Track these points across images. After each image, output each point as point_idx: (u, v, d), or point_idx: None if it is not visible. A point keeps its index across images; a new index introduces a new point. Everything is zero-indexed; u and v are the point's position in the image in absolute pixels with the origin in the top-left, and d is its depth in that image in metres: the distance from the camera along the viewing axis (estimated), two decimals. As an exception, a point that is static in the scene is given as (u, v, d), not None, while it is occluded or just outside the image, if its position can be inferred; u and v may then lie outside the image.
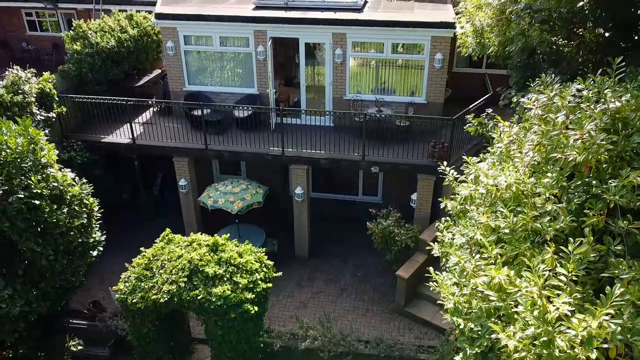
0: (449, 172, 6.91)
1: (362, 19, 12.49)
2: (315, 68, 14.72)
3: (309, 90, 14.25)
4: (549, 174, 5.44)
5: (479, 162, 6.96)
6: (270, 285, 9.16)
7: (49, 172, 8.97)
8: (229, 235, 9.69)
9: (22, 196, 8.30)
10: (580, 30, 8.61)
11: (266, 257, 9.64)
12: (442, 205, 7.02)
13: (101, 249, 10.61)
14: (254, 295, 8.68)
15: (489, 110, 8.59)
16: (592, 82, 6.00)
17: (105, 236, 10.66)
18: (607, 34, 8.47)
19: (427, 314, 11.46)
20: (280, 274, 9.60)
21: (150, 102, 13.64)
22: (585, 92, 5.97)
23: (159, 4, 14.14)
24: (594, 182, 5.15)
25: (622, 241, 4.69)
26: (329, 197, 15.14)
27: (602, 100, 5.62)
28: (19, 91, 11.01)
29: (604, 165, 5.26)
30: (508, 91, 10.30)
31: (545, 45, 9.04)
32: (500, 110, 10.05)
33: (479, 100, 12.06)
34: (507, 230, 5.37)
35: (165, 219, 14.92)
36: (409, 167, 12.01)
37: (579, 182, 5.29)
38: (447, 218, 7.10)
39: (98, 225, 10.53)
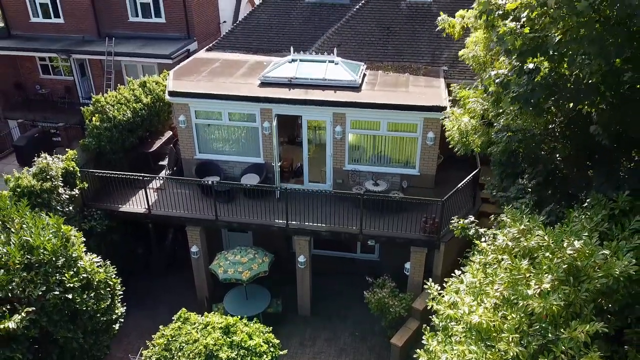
0: (432, 288, 8.02)
1: (360, 101, 13.58)
2: (317, 131, 15.80)
3: (311, 160, 15.28)
4: (513, 315, 6.54)
5: (461, 273, 8.11)
6: (277, 365, 10.24)
7: (79, 265, 10.06)
8: (239, 317, 10.77)
9: (58, 292, 9.38)
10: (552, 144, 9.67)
11: (272, 333, 10.75)
12: (429, 307, 8.13)
13: (122, 320, 11.72)
14: (262, 378, 9.75)
15: (471, 217, 9.63)
16: (552, 229, 7.12)
17: (125, 307, 11.78)
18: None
19: (420, 377, 12.50)
20: (285, 351, 10.68)
21: (163, 177, 14.86)
22: (546, 237, 7.10)
23: (171, 78, 15.26)
24: (549, 327, 6.25)
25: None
26: (329, 254, 16.18)
27: (560, 249, 6.74)
28: (47, 177, 12.09)
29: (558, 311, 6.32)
30: (491, 182, 11.43)
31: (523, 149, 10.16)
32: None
33: (467, 179, 13.18)
34: (478, 367, 6.45)
35: (176, 275, 16.07)
36: (403, 241, 13.07)
37: (537, 327, 6.38)
38: (435, 319, 8.22)
39: (120, 299, 11.61)
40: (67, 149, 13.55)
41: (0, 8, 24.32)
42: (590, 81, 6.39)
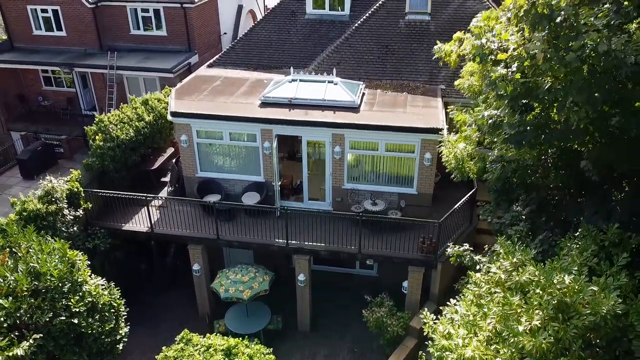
0: (427, 316, 8.29)
1: (359, 122, 13.84)
2: (317, 147, 16.05)
3: (311, 178, 15.53)
4: (505, 349, 6.79)
5: (455, 302, 8.37)
6: (277, 387, 10.49)
7: (84, 290, 10.31)
8: (241, 339, 11.02)
9: (64, 317, 9.63)
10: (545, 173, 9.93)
11: (272, 352, 11.00)
12: (425, 332, 8.40)
13: (126, 339, 11.96)
14: (263, 401, 10.01)
15: (466, 245, 9.90)
16: (542, 265, 7.38)
17: (129, 326, 12.02)
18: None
19: (417, 395, 12.77)
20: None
21: (165, 197, 15.14)
22: (537, 273, 7.36)
23: (173, 98, 15.51)
24: (539, 364, 6.50)
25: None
26: (329, 269, 16.43)
27: (550, 285, 6.99)
28: (53, 199, 12.34)
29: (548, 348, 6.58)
30: (486, 207, 11.67)
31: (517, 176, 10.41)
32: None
33: (463, 199, 13.45)
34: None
35: (178, 291, 16.31)
36: (401, 260, 13.33)
37: (528, 363, 6.63)
38: (431, 348, 8.46)
39: (123, 319, 11.85)
40: (70, 165, 13.82)
41: (3, 21, 24.60)
42: (579, 125, 6.65)
